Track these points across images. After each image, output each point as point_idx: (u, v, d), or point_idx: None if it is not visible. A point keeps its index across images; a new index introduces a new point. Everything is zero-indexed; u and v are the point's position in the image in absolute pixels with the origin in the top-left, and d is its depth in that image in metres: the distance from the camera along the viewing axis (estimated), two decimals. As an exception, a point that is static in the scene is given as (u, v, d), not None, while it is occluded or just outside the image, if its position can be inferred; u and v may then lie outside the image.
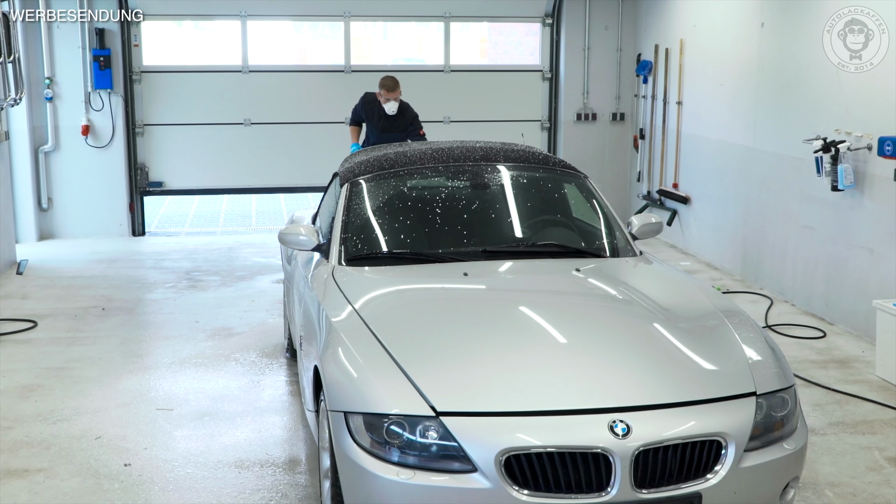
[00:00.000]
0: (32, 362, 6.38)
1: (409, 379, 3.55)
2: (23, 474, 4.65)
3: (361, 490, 3.46)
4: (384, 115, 8.48)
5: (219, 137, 11.10)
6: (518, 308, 4.22)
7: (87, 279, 8.82)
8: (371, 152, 5.71)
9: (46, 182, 10.66)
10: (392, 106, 8.41)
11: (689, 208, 9.98)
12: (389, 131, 8.46)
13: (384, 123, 8.49)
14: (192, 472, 4.69)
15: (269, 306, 7.81)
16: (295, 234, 4.95)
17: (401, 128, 8.46)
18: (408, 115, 8.55)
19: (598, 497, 3.31)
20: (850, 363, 6.39)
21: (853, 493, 4.48)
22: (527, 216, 5.15)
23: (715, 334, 4.05)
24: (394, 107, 8.42)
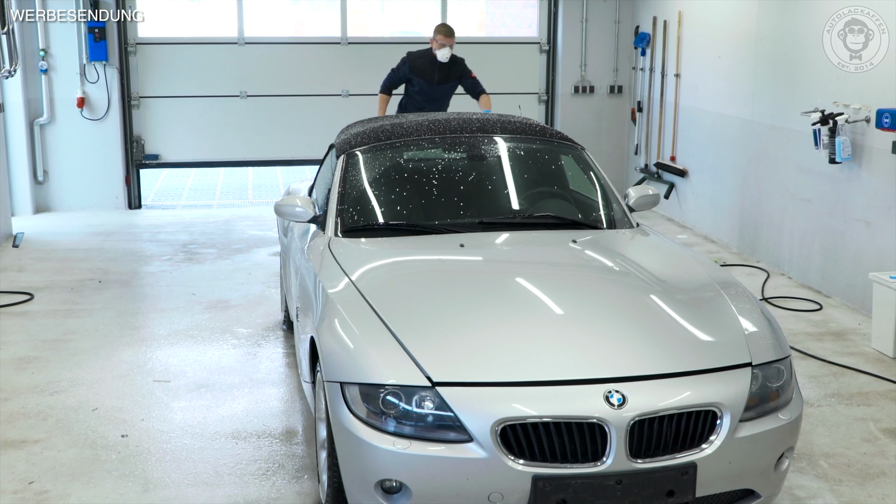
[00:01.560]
0: (29, 334, 6.38)
1: (406, 349, 3.55)
2: (20, 445, 4.66)
3: (358, 460, 3.47)
4: (438, 66, 8.36)
5: (215, 110, 11.05)
6: (514, 279, 4.22)
7: (84, 252, 8.81)
8: (367, 123, 5.69)
9: (42, 155, 10.62)
10: (445, 53, 8.30)
11: (686, 181, 9.96)
12: (445, 82, 8.39)
13: (439, 74, 8.38)
14: (189, 442, 4.70)
15: (266, 279, 7.81)
16: (291, 206, 4.94)
17: (455, 75, 8.41)
18: (459, 63, 8.46)
19: (593, 466, 3.32)
20: (846, 335, 6.40)
21: (848, 463, 4.50)
22: (524, 188, 5.14)
23: (711, 305, 4.05)
24: (447, 53, 8.31)
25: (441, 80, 8.39)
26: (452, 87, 8.58)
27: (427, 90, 8.44)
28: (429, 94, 8.43)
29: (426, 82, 8.42)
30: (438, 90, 8.41)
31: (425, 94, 8.44)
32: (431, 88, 8.42)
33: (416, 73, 8.43)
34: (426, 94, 8.44)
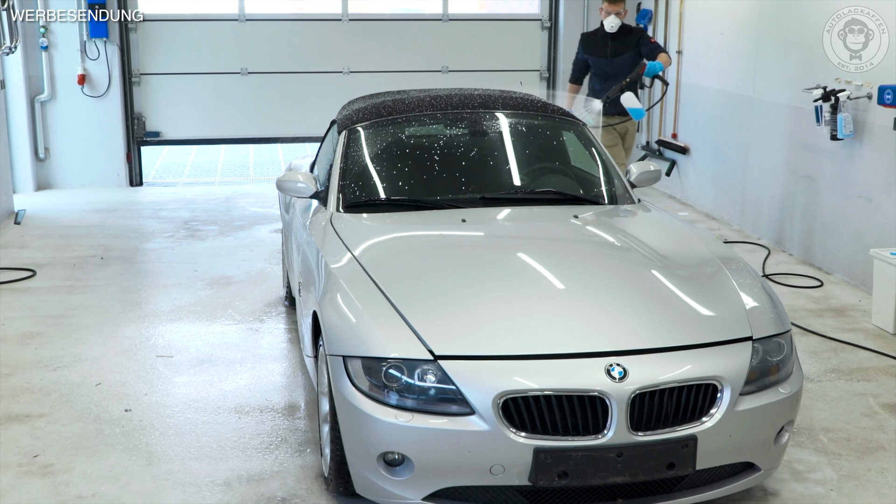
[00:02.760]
0: (31, 310, 6.40)
1: (408, 323, 3.57)
2: (24, 419, 4.69)
3: (360, 433, 3.50)
4: (609, 38, 7.69)
5: (216, 87, 11.03)
6: (516, 254, 4.23)
7: (85, 228, 8.82)
8: (369, 99, 5.69)
9: (43, 132, 10.61)
10: (613, 21, 7.60)
11: (687, 158, 9.95)
12: (620, 54, 7.63)
13: (612, 47, 7.64)
14: (192, 417, 4.73)
15: (268, 255, 7.82)
16: (293, 182, 4.95)
17: (631, 45, 7.64)
18: (635, 32, 7.76)
19: (594, 439, 3.35)
20: (847, 312, 6.42)
21: (847, 438, 4.53)
22: (525, 163, 5.14)
23: (712, 280, 4.06)
24: (615, 22, 7.61)
25: (615, 52, 7.60)
26: (631, 60, 7.68)
27: (602, 68, 7.70)
28: (605, 72, 7.68)
29: (600, 59, 7.70)
30: (614, 65, 7.61)
31: (601, 73, 7.70)
32: (606, 65, 7.66)
33: (590, 51, 7.78)
34: (602, 72, 7.70)
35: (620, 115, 7.64)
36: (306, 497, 3.93)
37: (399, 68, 11.08)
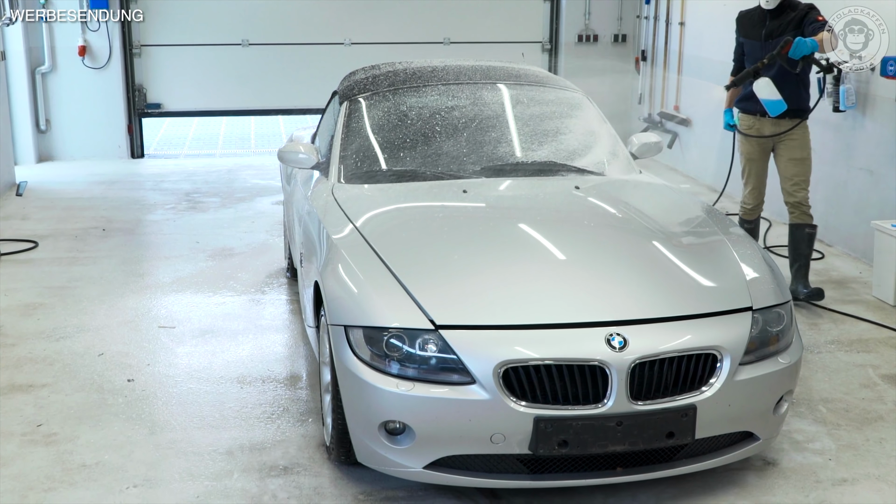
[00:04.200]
0: (34, 281, 6.41)
1: (409, 293, 3.58)
2: (28, 389, 4.71)
3: (361, 402, 3.52)
4: (767, 16, 6.04)
5: (217, 58, 11.00)
6: (517, 225, 4.24)
7: (87, 200, 8.83)
8: (371, 71, 5.67)
9: (44, 103, 10.61)
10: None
11: (689, 131, 9.93)
12: (776, 36, 5.95)
13: (768, 28, 6.02)
14: (195, 387, 4.75)
15: (269, 227, 7.83)
16: (294, 152, 4.95)
17: (793, 24, 5.93)
18: (800, 8, 6.00)
19: (594, 408, 3.36)
20: (848, 283, 6.43)
21: (846, 408, 4.55)
22: (527, 134, 5.13)
23: (713, 251, 4.07)
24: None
25: (770, 34, 6.02)
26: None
27: (754, 55, 6.11)
28: (757, 59, 6.03)
29: (753, 43, 6.15)
30: (767, 50, 5.96)
31: (753, 61, 6.08)
32: (759, 49, 6.07)
33: (744, 33, 6.25)
34: (754, 60, 6.06)
35: (761, 113, 6.10)
36: (308, 466, 3.95)
37: (400, 40, 11.05)
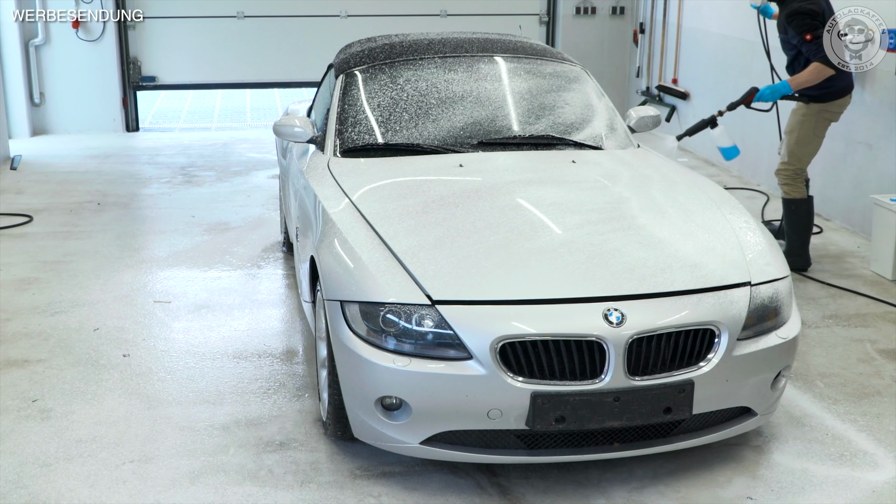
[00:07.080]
0: (29, 256, 6.38)
1: (405, 268, 3.56)
2: (23, 364, 4.69)
3: (357, 377, 3.50)
4: None
5: (212, 31, 10.91)
6: (514, 199, 4.20)
7: (82, 174, 8.78)
8: (367, 43, 5.62)
9: (38, 76, 10.52)
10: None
11: (688, 104, 9.88)
12: (782, 30, 5.91)
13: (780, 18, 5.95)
14: (191, 362, 4.74)
15: (265, 201, 7.79)
16: (290, 126, 4.91)
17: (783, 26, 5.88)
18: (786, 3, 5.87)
19: (591, 384, 3.35)
20: (846, 258, 6.41)
21: (843, 383, 4.54)
22: (524, 108, 5.09)
23: (711, 225, 4.04)
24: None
25: (780, 27, 5.97)
26: (787, 45, 5.97)
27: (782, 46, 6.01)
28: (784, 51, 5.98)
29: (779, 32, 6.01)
30: (783, 44, 5.96)
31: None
32: (781, 42, 6.00)
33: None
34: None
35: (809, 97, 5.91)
36: (304, 441, 3.94)
37: (397, 12, 10.96)
